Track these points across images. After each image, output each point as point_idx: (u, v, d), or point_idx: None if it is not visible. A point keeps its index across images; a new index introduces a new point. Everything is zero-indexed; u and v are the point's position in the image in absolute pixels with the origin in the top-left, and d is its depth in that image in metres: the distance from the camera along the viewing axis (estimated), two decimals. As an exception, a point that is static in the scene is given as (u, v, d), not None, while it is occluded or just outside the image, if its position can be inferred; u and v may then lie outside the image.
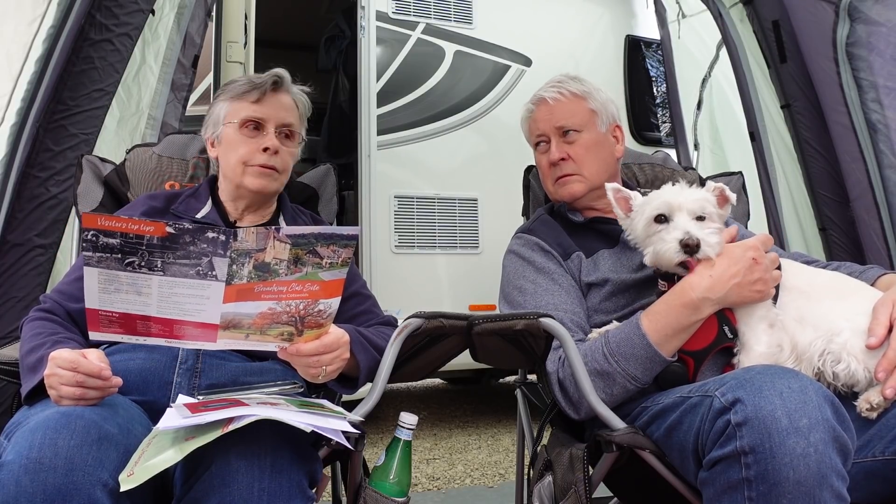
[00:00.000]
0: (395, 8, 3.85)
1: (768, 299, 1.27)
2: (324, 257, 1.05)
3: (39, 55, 1.87)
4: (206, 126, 1.55)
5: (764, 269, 1.24)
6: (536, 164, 1.68)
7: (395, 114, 3.81)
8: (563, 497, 1.20)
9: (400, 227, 3.74)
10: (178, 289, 1.01)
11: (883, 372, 1.15)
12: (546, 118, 1.59)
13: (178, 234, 0.99)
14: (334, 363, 1.18)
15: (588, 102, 1.60)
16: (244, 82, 1.50)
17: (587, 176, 1.56)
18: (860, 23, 2.14)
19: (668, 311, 1.26)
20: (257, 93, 1.47)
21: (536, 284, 1.47)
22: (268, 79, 1.48)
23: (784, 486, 0.94)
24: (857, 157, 2.22)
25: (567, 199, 1.60)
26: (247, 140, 1.46)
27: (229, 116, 1.48)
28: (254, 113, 1.46)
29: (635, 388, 1.26)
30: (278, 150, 1.46)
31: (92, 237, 0.97)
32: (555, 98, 1.59)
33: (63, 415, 0.98)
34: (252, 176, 1.45)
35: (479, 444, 3.65)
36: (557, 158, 1.57)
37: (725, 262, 1.24)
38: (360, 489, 1.20)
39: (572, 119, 1.57)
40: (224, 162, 1.50)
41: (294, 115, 1.52)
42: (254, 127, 1.47)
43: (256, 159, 1.45)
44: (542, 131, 1.61)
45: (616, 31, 4.37)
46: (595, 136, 1.59)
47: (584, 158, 1.56)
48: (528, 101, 1.66)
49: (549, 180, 1.62)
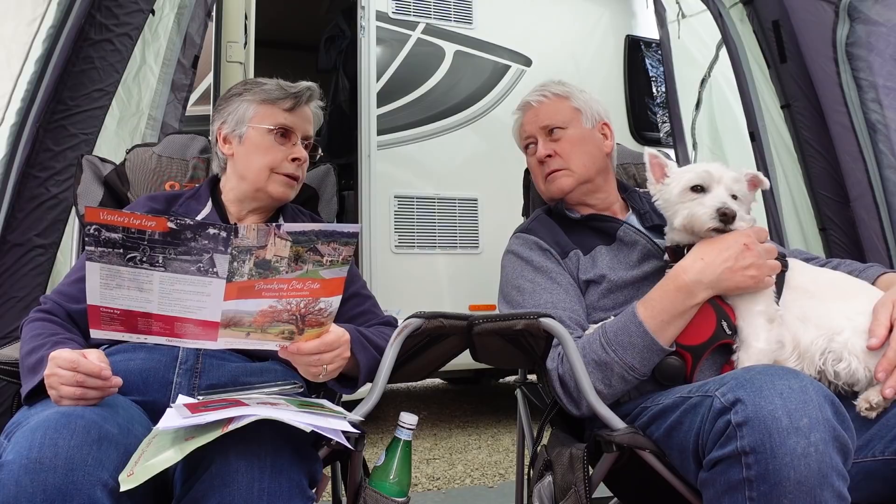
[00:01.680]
0: (395, 8, 3.85)
1: (766, 289, 1.28)
2: (324, 255, 1.05)
3: (39, 55, 1.87)
4: (224, 121, 1.51)
5: (756, 256, 1.26)
6: (528, 167, 1.73)
7: (395, 114, 3.81)
8: (563, 497, 1.20)
9: (400, 227, 3.74)
10: (180, 285, 1.01)
11: (883, 372, 1.15)
12: (532, 120, 1.65)
13: (179, 229, 0.99)
14: (335, 362, 1.18)
15: (571, 101, 1.65)
16: (275, 87, 1.50)
17: (574, 169, 1.59)
18: (860, 23, 2.14)
19: (663, 296, 1.27)
20: (291, 101, 1.48)
21: (535, 283, 1.47)
22: (304, 90, 1.50)
23: (785, 486, 0.94)
24: (857, 157, 2.22)
25: (557, 195, 1.63)
26: (277, 147, 1.47)
27: (258, 119, 1.48)
28: (286, 121, 1.48)
29: (633, 378, 1.26)
30: (306, 161, 1.51)
31: (94, 231, 0.97)
32: (538, 101, 1.65)
33: (63, 415, 0.98)
34: (277, 184, 1.47)
35: (479, 444, 3.65)
36: (544, 155, 1.61)
37: (717, 247, 1.27)
38: (360, 489, 1.20)
39: (556, 117, 1.62)
40: (245, 164, 1.48)
41: (314, 127, 1.56)
42: (282, 134, 1.48)
43: (285, 168, 1.47)
44: (529, 133, 1.66)
45: (616, 31, 4.37)
46: (580, 131, 1.62)
47: (571, 153, 1.60)
48: (515, 108, 1.72)
49: (540, 179, 1.66)
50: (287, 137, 1.49)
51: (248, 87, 1.53)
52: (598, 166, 1.62)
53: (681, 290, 1.26)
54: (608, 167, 1.67)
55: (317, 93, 1.54)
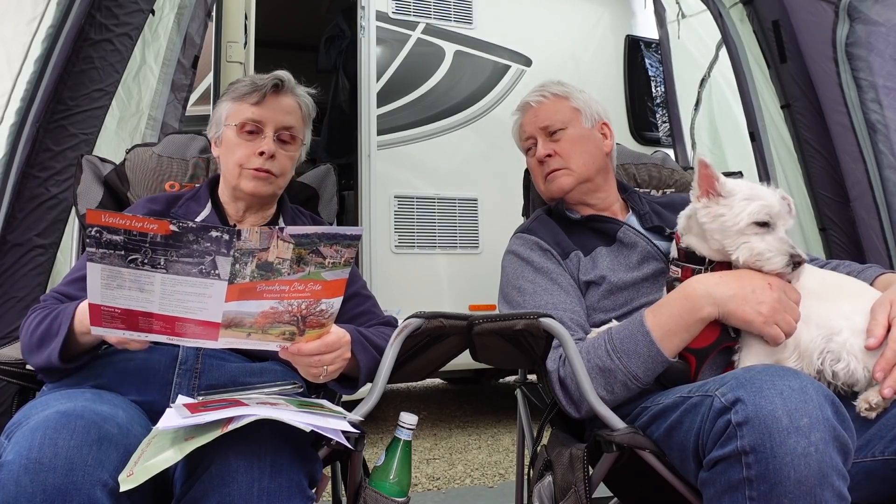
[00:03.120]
0: (395, 8, 3.85)
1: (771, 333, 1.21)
2: (326, 257, 1.04)
3: (39, 55, 1.87)
4: (210, 125, 1.56)
5: (775, 299, 1.21)
6: (528, 167, 1.74)
7: (395, 114, 3.81)
8: (563, 497, 1.20)
9: (400, 227, 3.74)
10: (181, 287, 1.01)
11: (881, 372, 1.15)
12: (531, 121, 1.65)
13: (181, 232, 0.99)
14: (335, 363, 1.18)
15: (570, 101, 1.65)
16: (247, 83, 1.49)
17: (574, 169, 1.60)
18: (860, 23, 2.14)
19: (671, 302, 1.27)
20: (257, 95, 1.46)
21: (535, 284, 1.47)
22: (268, 81, 1.47)
23: (785, 486, 0.94)
24: (857, 157, 2.22)
25: (557, 195, 1.63)
26: (244, 143, 1.46)
27: (230, 118, 1.48)
28: (252, 115, 1.46)
29: (636, 387, 1.26)
30: (274, 154, 1.46)
31: (96, 233, 0.97)
32: (538, 101, 1.65)
33: (63, 415, 0.98)
34: (247, 179, 1.45)
35: (479, 444, 3.65)
36: (544, 155, 1.62)
37: (740, 274, 1.26)
38: (360, 489, 1.20)
39: (556, 117, 1.63)
40: (223, 163, 1.50)
41: (296, 117, 1.51)
42: (252, 129, 1.46)
43: (252, 163, 1.45)
44: (529, 134, 1.66)
45: (616, 31, 4.37)
46: (580, 131, 1.62)
47: (570, 153, 1.60)
48: (515, 109, 1.72)
49: (540, 179, 1.66)
50: (258, 132, 1.46)
51: (228, 87, 1.54)
52: (598, 165, 1.62)
53: (688, 298, 1.25)
54: (608, 167, 1.67)
55: (287, 82, 1.50)
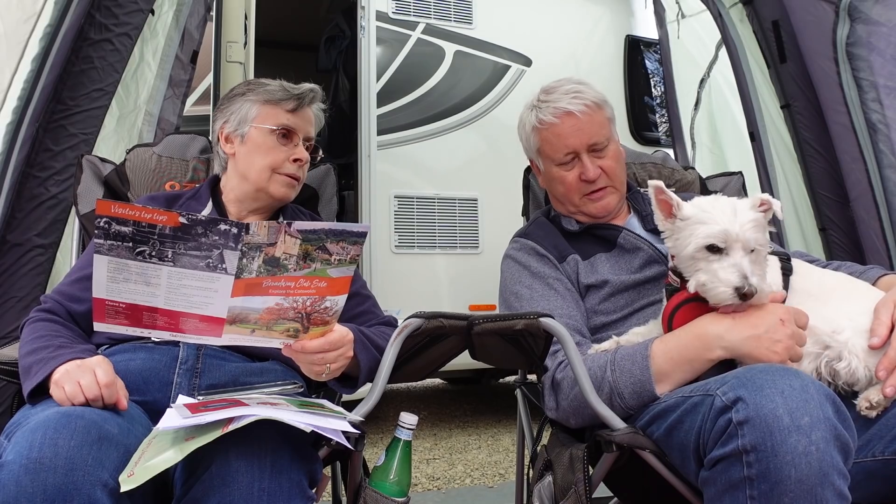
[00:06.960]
0: (395, 8, 3.85)
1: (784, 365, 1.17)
2: (333, 254, 1.05)
3: (36, 54, 1.86)
4: (226, 120, 1.53)
5: (788, 335, 1.17)
6: (558, 179, 1.56)
7: (395, 114, 3.81)
8: (563, 497, 1.20)
9: (400, 227, 3.74)
10: (187, 280, 1.01)
11: (884, 371, 1.15)
12: (575, 133, 1.51)
13: (190, 224, 0.99)
14: (338, 361, 1.18)
15: (605, 110, 1.55)
16: (278, 88, 1.51)
17: (618, 186, 1.56)
18: (860, 23, 2.14)
19: (681, 336, 1.23)
20: (294, 102, 1.50)
21: (532, 290, 1.47)
22: (307, 92, 1.52)
23: (786, 485, 0.94)
24: (857, 157, 2.22)
25: (601, 215, 1.55)
26: (279, 147, 1.49)
27: (260, 119, 1.48)
28: (288, 122, 1.49)
29: (619, 405, 1.24)
30: (307, 161, 1.52)
31: (104, 224, 0.97)
32: (582, 111, 1.50)
33: (63, 415, 0.98)
34: (278, 184, 1.48)
35: (479, 444, 3.65)
36: (595, 176, 1.51)
37: (751, 313, 1.19)
38: (360, 489, 1.20)
39: (601, 132, 1.52)
40: (247, 164, 1.49)
41: (315, 129, 1.57)
42: (284, 135, 1.49)
43: (286, 168, 1.48)
44: (572, 148, 1.51)
45: (616, 31, 4.37)
46: (617, 145, 1.57)
47: (615, 170, 1.54)
48: (546, 112, 1.53)
49: (577, 195, 1.54)
50: (289, 138, 1.50)
51: (251, 87, 1.54)
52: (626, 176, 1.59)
53: (700, 337, 1.21)
54: None
55: (319, 95, 1.56)
